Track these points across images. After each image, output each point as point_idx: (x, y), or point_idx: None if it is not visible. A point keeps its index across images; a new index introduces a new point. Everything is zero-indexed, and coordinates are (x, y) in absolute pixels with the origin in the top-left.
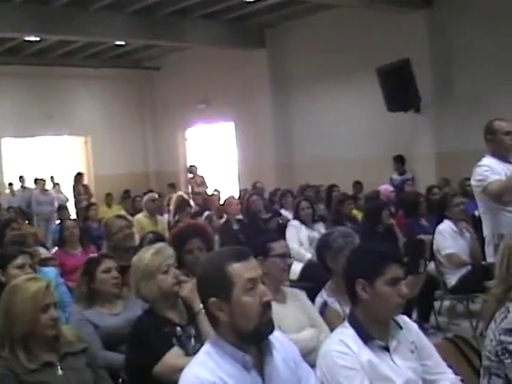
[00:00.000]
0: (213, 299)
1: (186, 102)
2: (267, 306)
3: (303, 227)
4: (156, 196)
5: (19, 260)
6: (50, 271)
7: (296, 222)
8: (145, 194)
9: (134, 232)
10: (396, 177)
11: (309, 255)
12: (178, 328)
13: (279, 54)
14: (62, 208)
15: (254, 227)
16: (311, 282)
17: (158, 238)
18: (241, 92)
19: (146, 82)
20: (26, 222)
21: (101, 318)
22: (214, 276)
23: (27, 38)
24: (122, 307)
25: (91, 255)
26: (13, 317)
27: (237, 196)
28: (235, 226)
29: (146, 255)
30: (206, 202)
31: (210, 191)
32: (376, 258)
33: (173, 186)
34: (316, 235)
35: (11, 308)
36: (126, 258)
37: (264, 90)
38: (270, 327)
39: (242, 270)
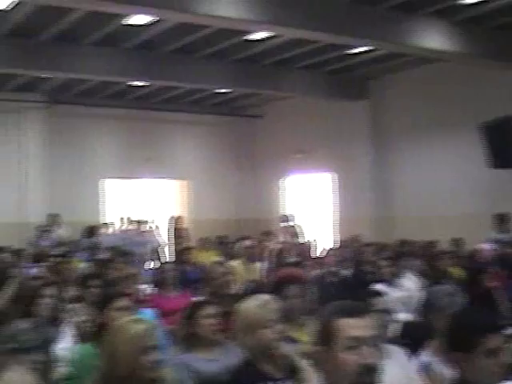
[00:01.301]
0: (318, 347)
1: (284, 151)
2: (367, 369)
3: (389, 291)
4: (252, 243)
5: (120, 302)
6: (149, 313)
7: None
8: (238, 240)
9: (233, 279)
10: (497, 235)
11: (405, 315)
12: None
13: (381, 106)
14: (157, 250)
15: (358, 280)
16: (410, 340)
17: (259, 287)
18: (340, 143)
19: (246, 129)
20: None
21: (199, 363)
22: (321, 325)
23: (132, 83)
24: (220, 353)
25: (193, 299)
26: (115, 358)
27: (332, 247)
28: (331, 279)
29: (251, 306)
30: (300, 251)
31: (304, 240)
32: (473, 329)
33: (267, 234)
34: (404, 293)
35: (113, 349)
36: (225, 304)
37: (364, 142)
38: None
39: (350, 326)
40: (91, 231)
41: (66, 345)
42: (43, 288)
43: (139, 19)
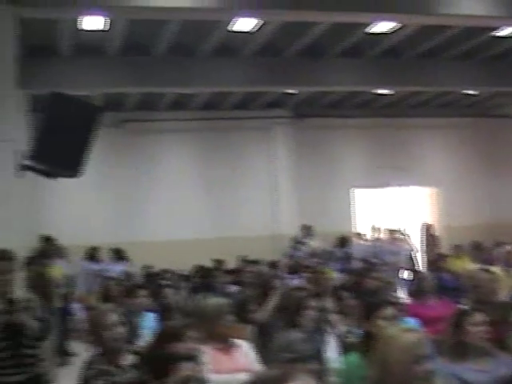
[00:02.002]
0: None
1: None
2: None
3: None
4: None
5: (386, 311)
6: (413, 322)
7: None
8: (496, 245)
9: (499, 286)
10: None
11: None
12: None
13: None
14: (411, 259)
15: None
16: None
17: None
18: None
19: (496, 131)
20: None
21: (468, 373)
22: None
23: (378, 91)
24: (490, 364)
25: (457, 306)
26: (387, 367)
27: None
28: None
29: None
30: None
31: None
32: None
33: None
34: None
35: (386, 358)
36: (492, 312)
37: None
38: None
39: None
40: (343, 241)
41: (331, 355)
42: (307, 299)
43: (382, 27)
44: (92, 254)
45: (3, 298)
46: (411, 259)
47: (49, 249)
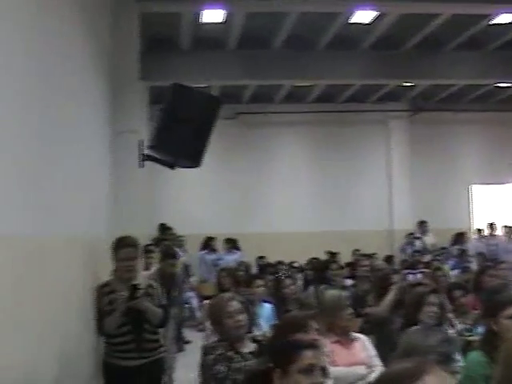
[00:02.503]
0: None
1: None
2: None
3: None
4: None
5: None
6: None
7: None
8: None
9: None
10: None
11: None
12: None
13: None
14: None
15: None
16: None
17: None
18: None
19: None
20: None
21: None
22: None
23: (498, 85)
24: None
25: None
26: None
27: None
28: None
29: None
30: None
31: None
32: None
33: None
34: None
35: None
36: None
37: None
38: None
39: None
40: (459, 238)
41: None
42: (428, 295)
43: (504, 18)
44: (208, 244)
45: (128, 283)
46: None
47: (167, 238)
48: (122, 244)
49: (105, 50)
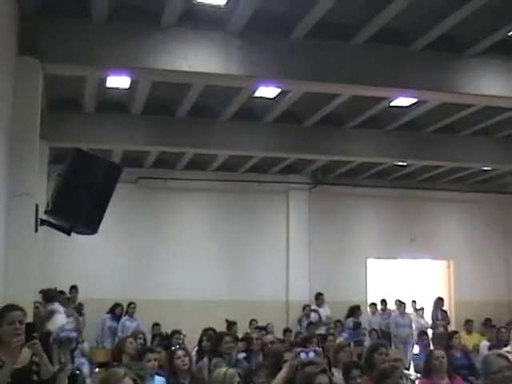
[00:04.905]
0: None
1: None
2: None
3: None
4: None
5: None
6: None
7: None
8: (508, 324)
9: None
10: None
11: None
12: None
13: None
14: (423, 333)
15: None
16: None
17: None
18: None
19: (510, 207)
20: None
21: None
22: None
23: (396, 163)
24: None
25: None
26: None
27: None
28: None
29: None
30: None
31: None
32: None
33: None
34: None
35: None
36: None
37: None
38: None
39: None
40: (354, 311)
41: None
42: (317, 375)
43: (403, 101)
44: (113, 309)
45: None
46: (423, 333)
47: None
48: (8, 308)
49: (5, 107)
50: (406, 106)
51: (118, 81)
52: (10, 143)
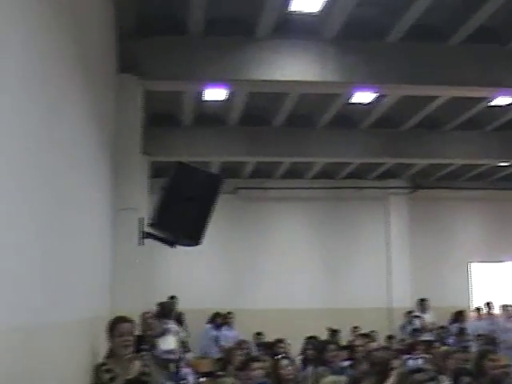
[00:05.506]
0: None
1: None
2: None
3: None
4: None
5: None
6: None
7: None
8: None
9: None
10: None
11: None
12: None
13: None
14: None
15: None
16: None
17: None
18: None
19: None
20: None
21: None
22: None
23: (498, 164)
24: None
25: None
26: None
27: None
28: None
29: None
30: None
31: None
32: None
33: None
34: None
35: None
36: None
37: None
38: None
39: None
40: (459, 316)
41: None
42: (427, 383)
43: (502, 101)
44: (214, 319)
45: (122, 359)
46: None
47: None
48: (118, 321)
49: (108, 126)
50: (506, 105)
51: (215, 93)
52: (114, 158)
